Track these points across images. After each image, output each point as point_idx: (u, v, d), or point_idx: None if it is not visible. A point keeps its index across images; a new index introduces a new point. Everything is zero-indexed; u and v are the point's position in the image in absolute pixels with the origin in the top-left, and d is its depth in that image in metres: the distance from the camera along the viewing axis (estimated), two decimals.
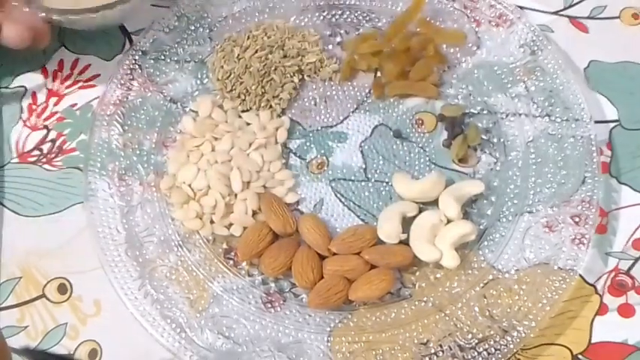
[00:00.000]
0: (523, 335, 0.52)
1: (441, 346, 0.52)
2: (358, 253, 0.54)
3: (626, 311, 0.55)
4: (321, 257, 0.54)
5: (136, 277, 0.54)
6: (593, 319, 0.54)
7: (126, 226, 0.56)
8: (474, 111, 0.60)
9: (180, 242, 0.56)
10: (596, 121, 0.59)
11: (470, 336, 0.52)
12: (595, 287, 0.55)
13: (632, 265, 0.56)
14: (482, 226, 0.56)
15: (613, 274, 0.56)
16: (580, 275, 0.55)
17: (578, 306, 0.55)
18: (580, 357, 0.53)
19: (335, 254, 0.54)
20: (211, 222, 0.56)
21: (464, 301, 0.53)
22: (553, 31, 0.65)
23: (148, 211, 0.56)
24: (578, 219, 0.55)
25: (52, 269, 0.56)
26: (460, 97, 0.61)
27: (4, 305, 0.55)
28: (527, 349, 0.53)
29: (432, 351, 0.52)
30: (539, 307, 0.52)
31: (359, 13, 0.64)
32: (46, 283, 0.56)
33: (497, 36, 0.62)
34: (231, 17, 0.63)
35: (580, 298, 0.55)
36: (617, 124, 0.61)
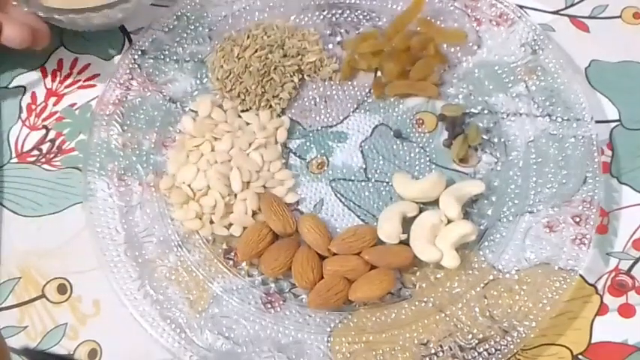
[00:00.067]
0: (523, 335, 0.52)
1: (441, 346, 0.52)
2: (358, 254, 0.54)
3: (626, 311, 0.55)
4: (321, 257, 0.54)
5: (135, 277, 0.54)
6: (594, 320, 0.54)
7: (125, 226, 0.56)
8: (474, 111, 0.60)
9: (180, 242, 0.56)
10: (597, 121, 0.59)
11: (470, 336, 0.52)
12: (595, 287, 0.55)
13: (633, 265, 0.56)
14: (482, 227, 0.56)
15: (613, 274, 0.56)
16: (580, 275, 0.55)
17: (578, 306, 0.55)
18: (580, 357, 0.53)
19: (335, 254, 0.54)
20: (211, 222, 0.56)
21: (464, 301, 0.53)
22: (554, 30, 0.65)
23: (148, 211, 0.56)
24: (578, 219, 0.55)
25: (51, 269, 0.56)
26: (461, 96, 0.61)
27: (3, 305, 0.55)
28: (527, 350, 0.53)
29: (432, 351, 0.52)
30: (540, 308, 0.52)
31: (359, 12, 0.64)
32: (46, 284, 0.56)
33: (498, 35, 0.62)
34: (231, 16, 0.63)
35: (580, 299, 0.55)
36: (618, 123, 0.61)
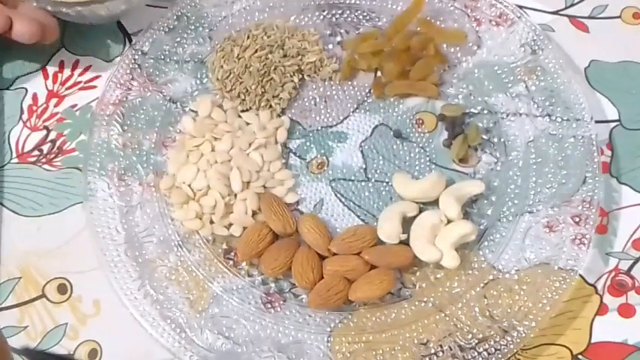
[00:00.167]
0: (523, 335, 0.52)
1: (441, 346, 0.52)
2: (358, 254, 0.54)
3: (626, 311, 0.55)
4: (321, 257, 0.54)
5: (135, 277, 0.54)
6: (593, 319, 0.54)
7: (125, 226, 0.56)
8: (474, 111, 0.60)
9: (180, 242, 0.56)
10: (597, 121, 0.59)
11: (470, 336, 0.52)
12: (595, 287, 0.55)
13: (633, 265, 0.56)
14: (482, 226, 0.56)
15: (613, 274, 0.56)
16: (580, 275, 0.55)
17: (578, 306, 0.55)
18: (580, 357, 0.53)
19: (335, 254, 0.54)
20: (211, 222, 0.56)
21: (464, 301, 0.53)
22: (554, 30, 0.65)
23: (148, 211, 0.56)
24: (578, 219, 0.55)
25: (51, 269, 0.56)
26: (460, 96, 0.61)
27: (3, 305, 0.55)
28: (527, 349, 0.53)
29: (432, 351, 0.52)
30: (540, 307, 0.52)
31: (359, 12, 0.64)
32: (46, 284, 0.56)
33: (498, 35, 0.62)
34: (231, 16, 0.63)
35: (580, 298, 0.55)
36: (617, 123, 0.61)
